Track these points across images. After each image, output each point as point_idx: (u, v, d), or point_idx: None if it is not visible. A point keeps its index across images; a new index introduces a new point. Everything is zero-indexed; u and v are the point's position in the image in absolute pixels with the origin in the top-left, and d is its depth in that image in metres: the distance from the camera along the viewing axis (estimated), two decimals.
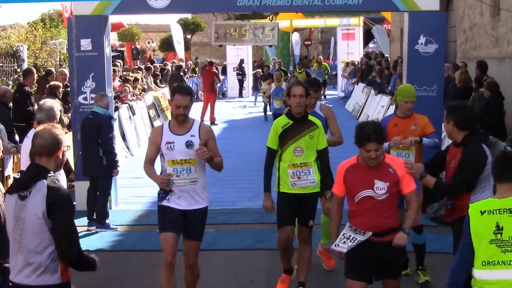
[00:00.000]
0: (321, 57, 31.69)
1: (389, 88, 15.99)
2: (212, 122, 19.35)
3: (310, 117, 5.81)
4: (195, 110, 22.33)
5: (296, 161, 5.66)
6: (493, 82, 9.87)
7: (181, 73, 21.25)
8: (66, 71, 12.72)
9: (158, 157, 5.29)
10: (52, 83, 11.27)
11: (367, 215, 4.58)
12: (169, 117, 19.42)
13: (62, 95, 11.07)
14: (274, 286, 6.07)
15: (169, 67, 23.43)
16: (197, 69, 29.63)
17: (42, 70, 13.55)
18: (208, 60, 25.02)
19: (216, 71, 21.63)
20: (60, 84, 11.16)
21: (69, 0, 10.81)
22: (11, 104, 10.26)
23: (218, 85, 20.86)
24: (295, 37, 34.60)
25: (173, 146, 5.13)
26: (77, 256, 3.74)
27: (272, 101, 14.60)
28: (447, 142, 10.04)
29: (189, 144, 5.11)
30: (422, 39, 8.81)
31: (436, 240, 7.55)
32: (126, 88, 15.21)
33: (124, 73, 18.60)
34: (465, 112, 5.02)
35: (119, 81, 16.46)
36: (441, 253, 7.06)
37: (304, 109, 5.75)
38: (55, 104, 6.26)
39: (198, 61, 25.89)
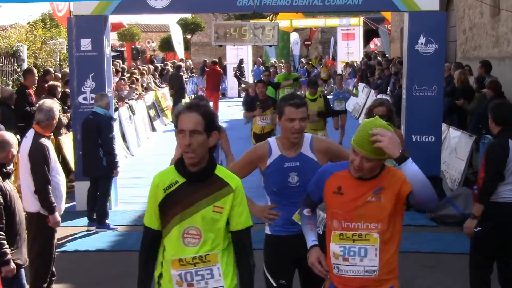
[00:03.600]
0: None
1: (388, 89, 15.97)
2: None
3: (220, 170, 3.20)
4: None
5: (187, 253, 3.12)
6: (496, 82, 9.83)
7: (181, 73, 21.29)
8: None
9: None
10: (51, 83, 11.27)
11: None
12: (169, 117, 19.51)
13: (61, 95, 11.08)
14: None
15: (169, 67, 23.47)
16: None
17: (42, 70, 13.54)
18: (212, 59, 25.12)
19: (220, 70, 21.90)
20: (59, 84, 11.16)
21: (69, 0, 10.81)
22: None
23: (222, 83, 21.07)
24: (294, 37, 34.51)
25: None
26: None
27: None
28: (447, 144, 10.05)
29: None
30: (422, 39, 8.82)
31: (436, 240, 7.56)
32: (125, 86, 15.26)
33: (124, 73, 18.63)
34: (500, 108, 5.25)
35: (123, 77, 16.52)
36: (441, 253, 7.07)
37: (205, 157, 3.14)
38: (55, 105, 6.25)
39: (227, 63, 25.31)
